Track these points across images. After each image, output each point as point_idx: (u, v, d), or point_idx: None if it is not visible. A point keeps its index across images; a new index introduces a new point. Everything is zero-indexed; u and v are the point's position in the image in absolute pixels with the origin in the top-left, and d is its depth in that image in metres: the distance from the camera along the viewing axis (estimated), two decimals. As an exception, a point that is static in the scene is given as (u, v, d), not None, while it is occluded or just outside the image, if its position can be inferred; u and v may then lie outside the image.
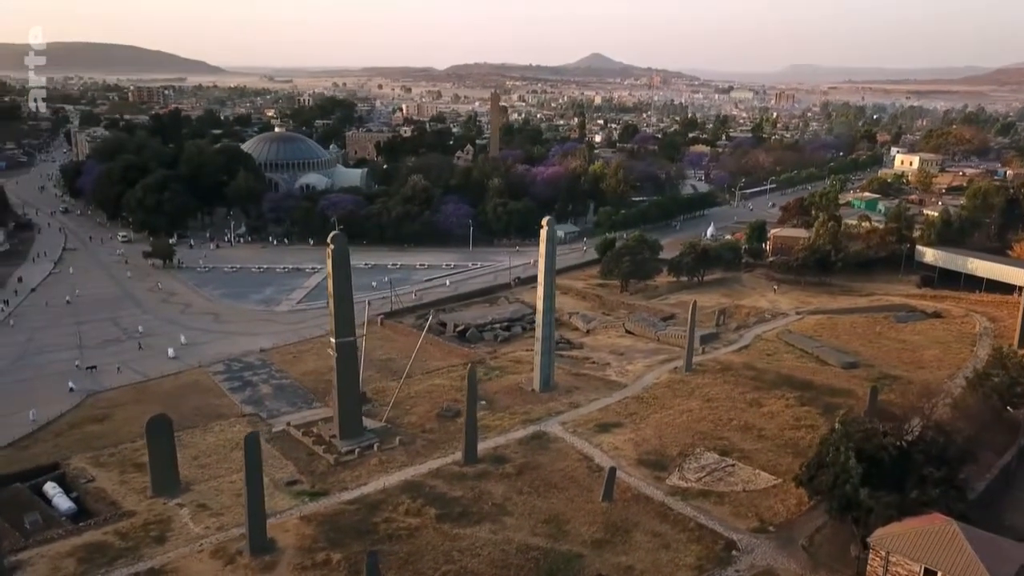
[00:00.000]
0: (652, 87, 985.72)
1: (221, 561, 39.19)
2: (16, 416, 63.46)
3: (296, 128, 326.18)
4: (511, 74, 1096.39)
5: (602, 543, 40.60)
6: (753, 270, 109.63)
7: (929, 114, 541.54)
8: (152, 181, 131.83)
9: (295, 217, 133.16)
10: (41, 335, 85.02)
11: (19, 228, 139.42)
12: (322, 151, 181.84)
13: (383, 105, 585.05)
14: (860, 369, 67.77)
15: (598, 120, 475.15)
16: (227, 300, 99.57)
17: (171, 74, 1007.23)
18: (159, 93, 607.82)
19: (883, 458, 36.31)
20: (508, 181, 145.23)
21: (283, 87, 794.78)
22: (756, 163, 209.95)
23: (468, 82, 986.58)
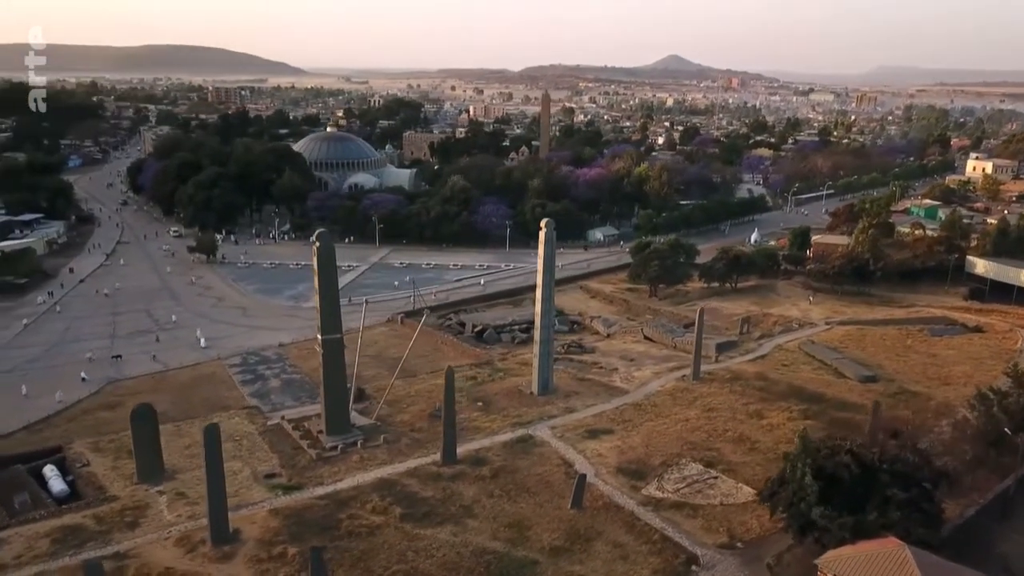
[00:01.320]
0: (728, 89, 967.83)
1: (183, 549, 40.07)
2: (41, 400, 66.74)
3: (361, 128, 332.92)
4: (585, 75, 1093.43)
5: (560, 551, 39.87)
6: (791, 278, 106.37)
7: (1021, 118, 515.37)
8: (203, 178, 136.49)
9: (338, 216, 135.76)
10: (79, 324, 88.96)
11: (80, 221, 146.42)
12: (372, 151, 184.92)
13: (452, 106, 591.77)
14: (879, 383, 64.87)
15: (664, 122, 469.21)
16: (259, 295, 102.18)
17: (254, 75, 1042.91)
18: (236, 93, 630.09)
19: (844, 476, 34.58)
20: (550, 182, 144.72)
21: (359, 88, 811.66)
22: (815, 167, 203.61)
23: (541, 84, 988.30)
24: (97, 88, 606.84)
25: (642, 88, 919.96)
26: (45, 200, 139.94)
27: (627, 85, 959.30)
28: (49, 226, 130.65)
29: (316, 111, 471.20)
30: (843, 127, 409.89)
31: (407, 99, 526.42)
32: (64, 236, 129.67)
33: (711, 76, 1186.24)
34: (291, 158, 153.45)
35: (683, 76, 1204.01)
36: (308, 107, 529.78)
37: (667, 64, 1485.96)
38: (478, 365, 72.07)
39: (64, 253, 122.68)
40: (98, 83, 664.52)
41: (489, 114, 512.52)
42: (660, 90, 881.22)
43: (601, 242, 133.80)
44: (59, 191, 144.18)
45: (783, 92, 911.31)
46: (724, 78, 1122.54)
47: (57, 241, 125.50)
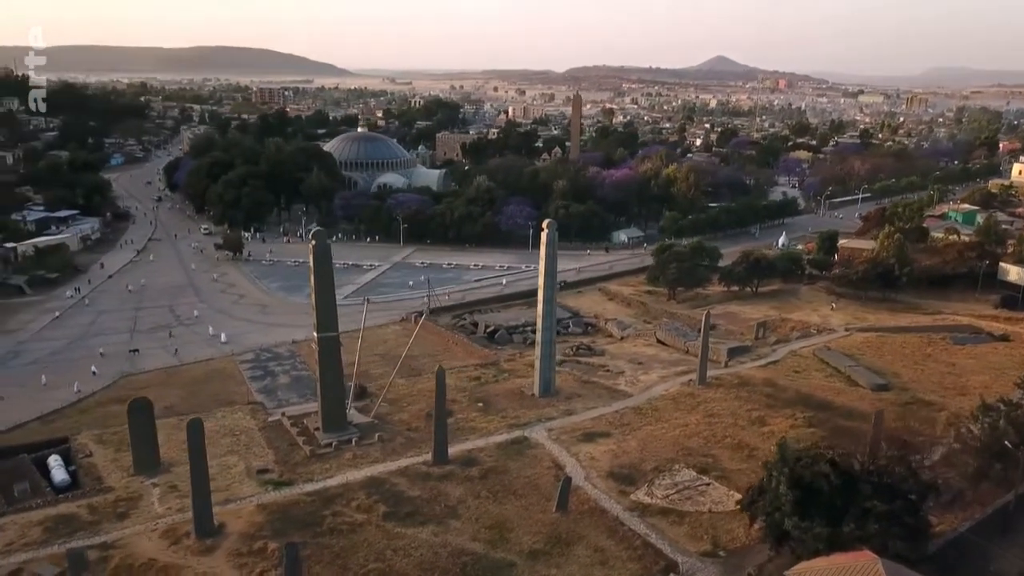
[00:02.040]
0: (775, 91, 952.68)
1: (167, 541, 40.68)
2: (58, 391, 68.59)
3: (399, 128, 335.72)
4: (629, 76, 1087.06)
5: (538, 554, 39.57)
6: (815, 282, 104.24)
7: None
8: (233, 177, 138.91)
9: (363, 215, 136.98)
10: (103, 318, 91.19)
11: (116, 218, 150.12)
12: (402, 151, 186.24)
13: (492, 107, 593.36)
14: (891, 392, 63.18)
15: (705, 124, 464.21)
16: (280, 293, 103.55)
17: (300, 76, 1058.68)
18: (279, 94, 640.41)
19: (822, 487, 33.67)
20: (576, 184, 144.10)
21: (402, 89, 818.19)
22: (852, 170, 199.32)
23: (584, 84, 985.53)
24: (146, 88, 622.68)
25: (686, 89, 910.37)
26: (82, 197, 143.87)
27: (671, 87, 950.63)
28: (84, 222, 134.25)
29: (356, 112, 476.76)
30: (888, 129, 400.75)
31: (446, 100, 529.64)
32: (98, 232, 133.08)
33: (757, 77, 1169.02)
34: (320, 158, 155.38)
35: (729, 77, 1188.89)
36: (349, 108, 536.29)
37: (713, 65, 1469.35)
38: (483, 365, 72.04)
39: (97, 249, 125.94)
40: (148, 84, 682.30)
41: (528, 115, 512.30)
42: (704, 91, 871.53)
43: (625, 244, 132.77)
44: (95, 188, 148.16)
45: (831, 94, 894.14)
46: (771, 79, 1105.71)
47: (91, 237, 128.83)
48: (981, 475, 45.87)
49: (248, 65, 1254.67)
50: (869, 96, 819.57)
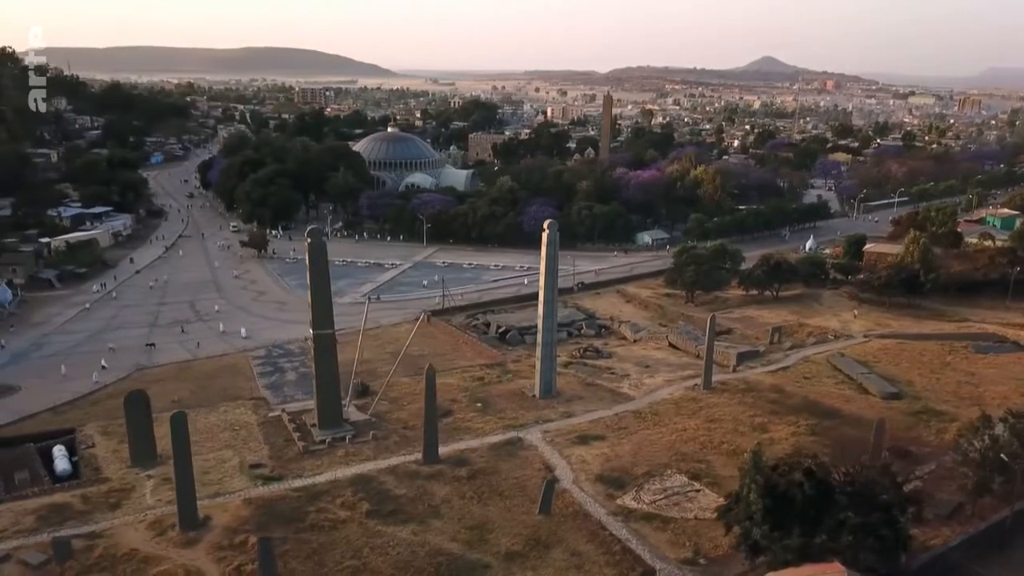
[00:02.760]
0: (822, 92, 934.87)
1: (153, 532, 41.38)
2: (74, 383, 70.25)
3: (435, 129, 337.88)
4: (673, 78, 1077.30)
5: (515, 556, 39.31)
6: (839, 287, 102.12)
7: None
8: (261, 175, 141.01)
9: (388, 215, 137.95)
10: (125, 312, 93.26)
11: (150, 215, 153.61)
12: (431, 151, 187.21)
13: (531, 108, 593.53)
14: (903, 401, 61.49)
15: (745, 125, 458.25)
16: (299, 290, 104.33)
17: (345, 77, 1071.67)
18: (321, 94, 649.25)
19: (795, 496, 32.86)
20: (601, 184, 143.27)
21: (443, 89, 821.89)
22: (889, 173, 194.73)
23: (627, 85, 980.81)
24: (193, 88, 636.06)
25: (731, 91, 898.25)
26: (117, 194, 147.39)
27: (715, 88, 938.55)
28: (116, 219, 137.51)
29: (395, 112, 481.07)
30: (936, 131, 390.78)
31: (483, 101, 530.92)
32: (130, 228, 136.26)
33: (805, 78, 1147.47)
34: (348, 157, 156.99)
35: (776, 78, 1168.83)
36: (389, 108, 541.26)
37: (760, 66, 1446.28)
38: (489, 366, 71.94)
39: (128, 245, 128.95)
40: (195, 84, 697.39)
41: (567, 115, 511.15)
42: (749, 93, 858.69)
43: (649, 245, 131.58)
44: (129, 186, 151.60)
45: (881, 95, 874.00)
46: (819, 80, 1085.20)
47: (122, 233, 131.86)
48: (982, 489, 44.36)
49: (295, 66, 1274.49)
50: (920, 97, 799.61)
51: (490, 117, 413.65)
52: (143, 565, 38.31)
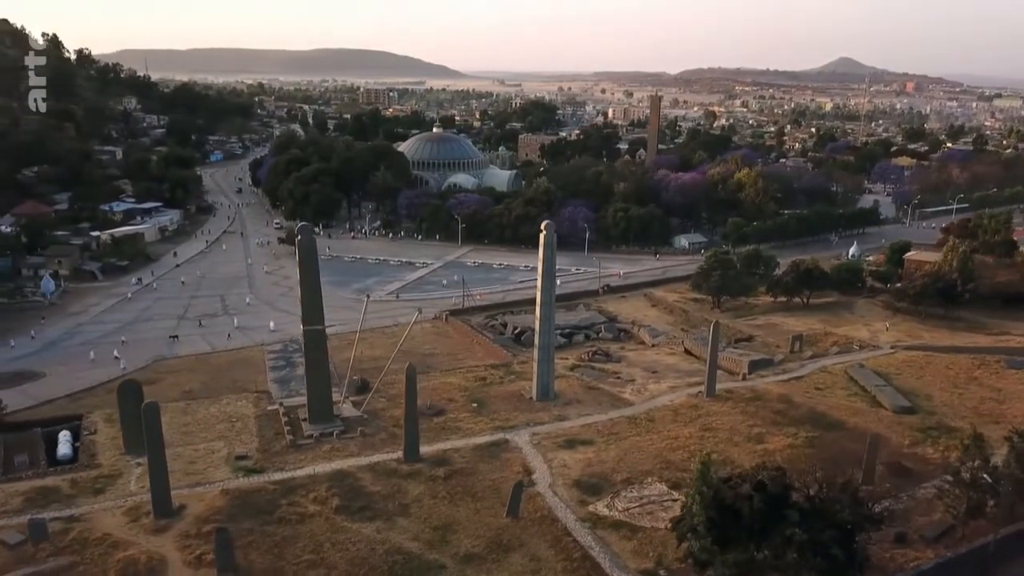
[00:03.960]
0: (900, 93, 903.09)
1: (128, 518, 42.50)
2: (96, 371, 73.03)
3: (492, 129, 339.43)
4: (743, 79, 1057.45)
5: (472, 558, 39.05)
6: (876, 296, 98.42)
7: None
8: (304, 173, 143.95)
9: (425, 214, 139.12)
10: (157, 305, 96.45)
11: (199, 211, 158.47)
12: (475, 152, 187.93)
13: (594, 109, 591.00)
14: (915, 416, 58.77)
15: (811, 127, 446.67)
16: (328, 287, 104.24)
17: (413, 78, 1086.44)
18: (385, 95, 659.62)
19: (742, 509, 31.72)
20: (641, 186, 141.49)
21: (509, 91, 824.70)
22: (951, 178, 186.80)
23: (695, 87, 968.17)
24: (263, 89, 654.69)
25: (803, 92, 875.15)
26: (168, 191, 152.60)
27: (787, 89, 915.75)
28: (164, 214, 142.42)
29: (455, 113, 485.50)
30: (1016, 135, 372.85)
31: (542, 101, 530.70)
32: (176, 224, 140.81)
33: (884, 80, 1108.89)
34: (390, 157, 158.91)
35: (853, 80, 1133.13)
36: (451, 109, 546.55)
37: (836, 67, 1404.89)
38: (495, 366, 71.70)
39: (174, 239, 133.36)
40: (266, 84, 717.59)
41: (627, 117, 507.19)
42: (822, 94, 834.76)
43: (686, 249, 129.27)
44: (180, 183, 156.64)
45: (964, 97, 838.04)
46: (898, 82, 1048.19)
47: (168, 228, 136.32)
48: (976, 511, 42.12)
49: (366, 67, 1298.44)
50: (1007, 100, 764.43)
51: (548, 118, 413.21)
52: (111, 549, 39.38)
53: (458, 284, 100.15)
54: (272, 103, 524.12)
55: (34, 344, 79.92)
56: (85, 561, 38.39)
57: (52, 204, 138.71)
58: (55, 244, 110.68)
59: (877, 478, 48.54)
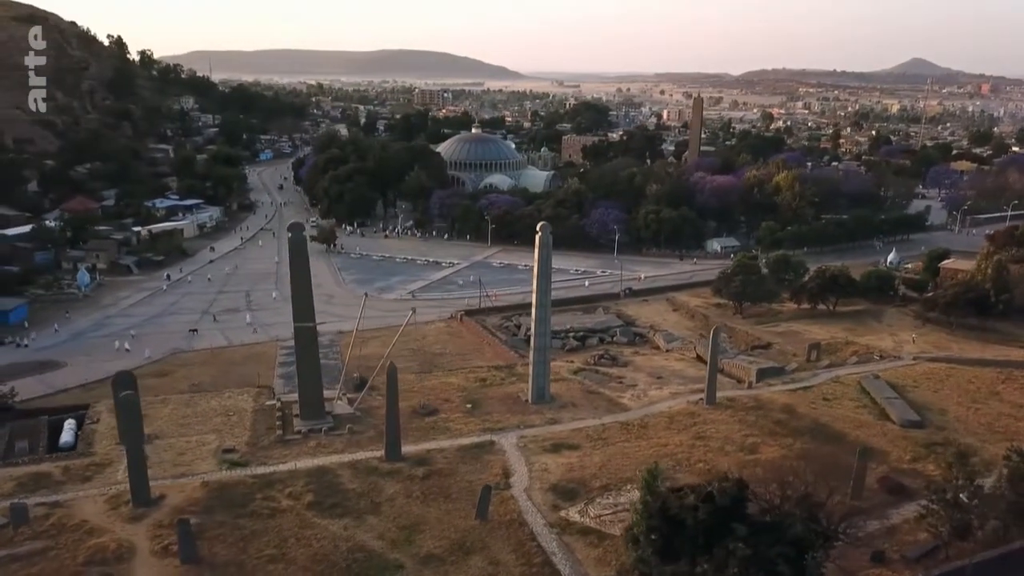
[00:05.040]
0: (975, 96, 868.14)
1: (108, 506, 43.62)
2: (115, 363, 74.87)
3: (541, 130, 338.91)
4: (808, 80, 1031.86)
5: (432, 560, 38.94)
6: (909, 305, 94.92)
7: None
8: (340, 173, 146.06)
9: (456, 214, 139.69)
10: (185, 299, 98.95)
11: (241, 208, 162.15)
12: (512, 152, 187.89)
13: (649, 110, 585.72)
14: (923, 431, 56.51)
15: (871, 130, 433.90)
16: (352, 285, 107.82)
17: (473, 79, 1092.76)
18: (439, 95, 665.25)
19: (686, 520, 30.93)
20: (676, 188, 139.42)
21: (567, 92, 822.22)
22: (1006, 184, 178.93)
23: (757, 88, 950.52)
24: (322, 89, 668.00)
25: (871, 94, 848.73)
26: (211, 188, 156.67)
27: (854, 91, 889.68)
28: (205, 211, 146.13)
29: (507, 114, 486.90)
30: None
31: (594, 102, 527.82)
32: (216, 221, 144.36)
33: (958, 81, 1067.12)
34: (426, 157, 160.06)
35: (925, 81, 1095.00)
36: (503, 109, 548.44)
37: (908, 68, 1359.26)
38: (498, 368, 71.53)
39: (212, 236, 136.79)
40: (325, 85, 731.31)
41: (682, 118, 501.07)
42: (890, 96, 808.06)
43: (718, 253, 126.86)
44: (221, 180, 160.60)
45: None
46: (973, 84, 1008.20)
47: (208, 224, 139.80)
48: (963, 532, 40.30)
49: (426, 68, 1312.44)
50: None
51: (600, 119, 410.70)
52: (85, 536, 40.48)
53: (475, 284, 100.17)
54: (329, 103, 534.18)
55: (60, 335, 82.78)
56: (58, 546, 39.53)
57: (100, 200, 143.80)
58: (95, 239, 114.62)
59: (868, 493, 47.11)
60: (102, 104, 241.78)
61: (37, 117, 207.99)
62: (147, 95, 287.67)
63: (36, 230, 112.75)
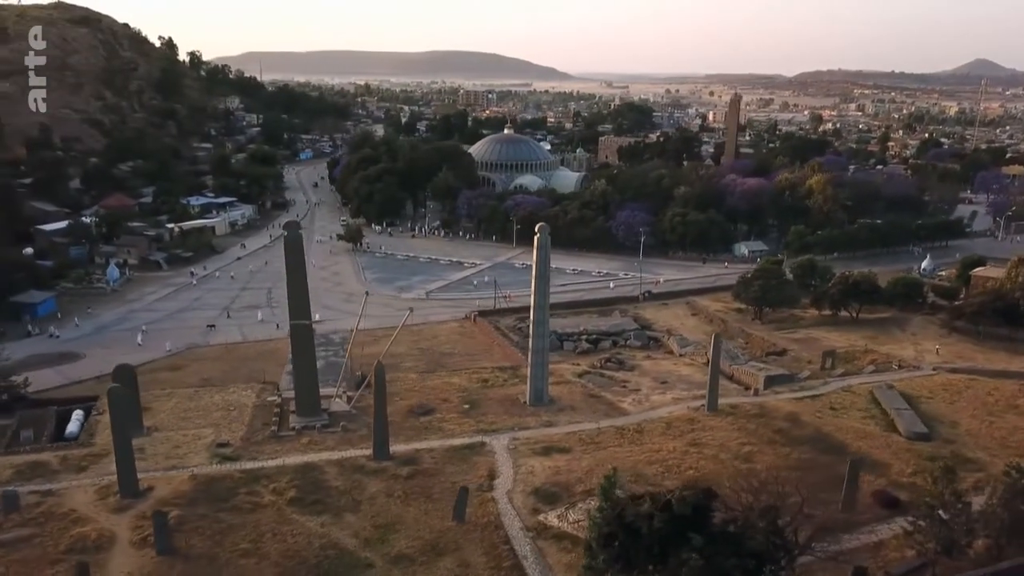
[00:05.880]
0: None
1: (98, 496, 44.62)
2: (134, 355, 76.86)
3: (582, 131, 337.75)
4: (865, 82, 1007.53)
5: (402, 560, 38.91)
6: (936, 313, 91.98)
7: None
8: (370, 172, 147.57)
9: (482, 215, 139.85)
10: (209, 295, 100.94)
11: (275, 206, 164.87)
12: (544, 153, 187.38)
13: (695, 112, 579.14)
14: (930, 443, 54.61)
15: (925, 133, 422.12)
16: (373, 284, 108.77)
17: (521, 80, 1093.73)
18: (484, 96, 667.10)
19: (641, 529, 30.35)
20: (706, 190, 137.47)
21: (615, 92, 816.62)
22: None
23: (811, 90, 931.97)
24: (368, 90, 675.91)
25: (929, 96, 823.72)
26: (245, 187, 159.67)
27: (912, 93, 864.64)
28: (237, 209, 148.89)
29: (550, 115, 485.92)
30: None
31: (640, 103, 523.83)
32: (247, 218, 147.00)
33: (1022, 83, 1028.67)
34: (455, 158, 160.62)
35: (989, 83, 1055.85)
36: (547, 110, 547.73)
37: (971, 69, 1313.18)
38: (503, 369, 71.36)
39: (242, 234, 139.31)
40: (375, 85, 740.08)
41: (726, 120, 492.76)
42: (950, 98, 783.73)
43: (745, 257, 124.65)
44: (256, 179, 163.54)
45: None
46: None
47: (239, 222, 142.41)
48: (949, 549, 38.84)
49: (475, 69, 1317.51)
50: None
51: (643, 120, 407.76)
52: (70, 524, 41.46)
53: (490, 285, 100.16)
54: (374, 103, 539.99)
55: (81, 328, 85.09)
56: (44, 533, 40.56)
57: (138, 197, 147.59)
58: (127, 235, 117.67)
59: (861, 507, 45.73)
60: (149, 104, 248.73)
61: (86, 116, 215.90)
62: (194, 95, 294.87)
63: (72, 226, 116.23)
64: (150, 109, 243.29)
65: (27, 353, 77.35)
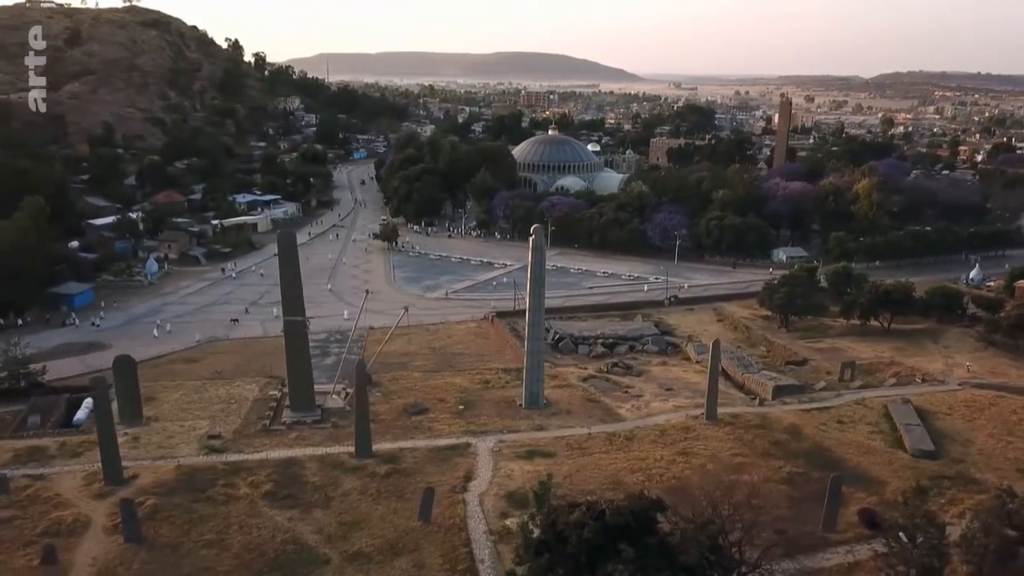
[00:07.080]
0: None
1: (84, 482, 46.26)
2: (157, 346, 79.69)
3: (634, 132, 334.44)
4: (947, 83, 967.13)
5: (360, 557, 39.12)
6: (975, 325, 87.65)
7: None
8: (410, 172, 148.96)
9: (518, 215, 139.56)
10: (240, 290, 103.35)
11: (320, 205, 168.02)
12: (588, 155, 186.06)
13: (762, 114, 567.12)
14: (935, 462, 52.11)
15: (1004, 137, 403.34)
16: (400, 283, 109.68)
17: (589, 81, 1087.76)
18: (545, 97, 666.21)
19: (569, 537, 29.76)
20: (745, 194, 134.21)
21: (683, 94, 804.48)
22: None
23: (888, 92, 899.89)
24: (432, 91, 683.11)
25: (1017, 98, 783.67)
26: (291, 185, 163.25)
27: (997, 95, 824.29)
28: (281, 206, 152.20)
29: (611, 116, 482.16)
30: None
31: (703, 105, 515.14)
32: (290, 216, 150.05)
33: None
34: (495, 158, 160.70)
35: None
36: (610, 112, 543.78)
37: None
38: (507, 370, 70.76)
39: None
40: (440, 87, 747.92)
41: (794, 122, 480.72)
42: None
43: (784, 263, 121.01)
44: (302, 177, 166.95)
45: None
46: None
47: (281, 220, 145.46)
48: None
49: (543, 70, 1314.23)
50: None
51: (703, 122, 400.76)
52: (52, 508, 43.05)
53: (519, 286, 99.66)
54: (436, 104, 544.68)
55: (108, 320, 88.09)
56: (24, 516, 42.22)
57: (189, 194, 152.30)
58: (170, 230, 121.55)
59: (845, 525, 43.94)
60: (210, 103, 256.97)
61: (149, 115, 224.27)
62: (255, 95, 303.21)
63: (119, 221, 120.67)
64: (211, 108, 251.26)
65: (58, 342, 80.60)
